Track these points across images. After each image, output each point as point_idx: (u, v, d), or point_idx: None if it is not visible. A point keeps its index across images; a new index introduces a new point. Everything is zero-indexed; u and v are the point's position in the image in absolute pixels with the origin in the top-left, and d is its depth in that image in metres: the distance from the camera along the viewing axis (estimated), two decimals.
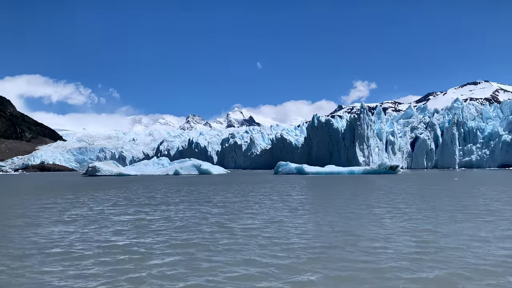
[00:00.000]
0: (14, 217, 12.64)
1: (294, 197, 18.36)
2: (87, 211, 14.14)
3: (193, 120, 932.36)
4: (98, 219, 12.11)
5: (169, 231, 9.72)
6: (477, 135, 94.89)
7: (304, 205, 14.83)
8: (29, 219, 12.26)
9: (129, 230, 10.02)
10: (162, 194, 20.88)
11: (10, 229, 10.52)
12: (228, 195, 19.56)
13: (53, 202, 17.35)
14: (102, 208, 14.81)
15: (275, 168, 56.96)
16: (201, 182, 31.08)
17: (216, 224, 10.69)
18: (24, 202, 17.68)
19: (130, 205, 15.91)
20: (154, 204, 15.96)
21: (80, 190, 25.52)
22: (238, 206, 14.76)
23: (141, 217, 12.24)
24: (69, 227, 10.55)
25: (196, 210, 13.73)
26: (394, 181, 31.91)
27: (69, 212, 13.89)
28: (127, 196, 20.32)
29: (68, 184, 34.11)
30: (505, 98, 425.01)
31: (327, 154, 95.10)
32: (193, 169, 59.07)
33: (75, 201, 17.91)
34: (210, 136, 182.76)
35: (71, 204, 16.49)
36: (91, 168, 57.27)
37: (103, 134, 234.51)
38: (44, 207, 15.35)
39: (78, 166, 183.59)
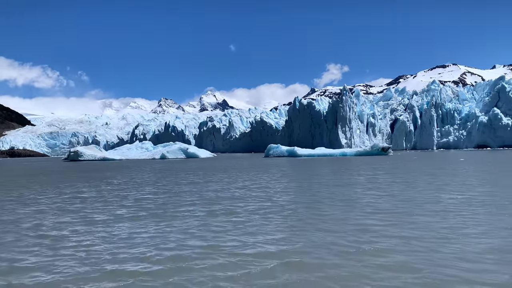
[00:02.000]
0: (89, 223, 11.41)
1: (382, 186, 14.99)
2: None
3: (165, 104, 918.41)
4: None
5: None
6: (454, 117, 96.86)
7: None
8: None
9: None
10: (196, 178, 19.85)
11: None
12: (287, 182, 18.65)
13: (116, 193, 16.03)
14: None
15: (266, 151, 56.30)
16: (203, 167, 29.93)
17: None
18: (62, 193, 16.37)
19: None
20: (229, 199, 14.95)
21: (94, 177, 24.08)
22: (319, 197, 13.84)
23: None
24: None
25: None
26: (408, 163, 31.79)
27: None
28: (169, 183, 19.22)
29: (59, 169, 32.40)
30: (472, 81, 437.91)
31: (309, 137, 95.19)
32: (180, 153, 57.74)
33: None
34: (187, 120, 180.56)
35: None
36: (73, 152, 55.04)
37: (74, 118, 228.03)
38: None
39: (49, 151, 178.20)
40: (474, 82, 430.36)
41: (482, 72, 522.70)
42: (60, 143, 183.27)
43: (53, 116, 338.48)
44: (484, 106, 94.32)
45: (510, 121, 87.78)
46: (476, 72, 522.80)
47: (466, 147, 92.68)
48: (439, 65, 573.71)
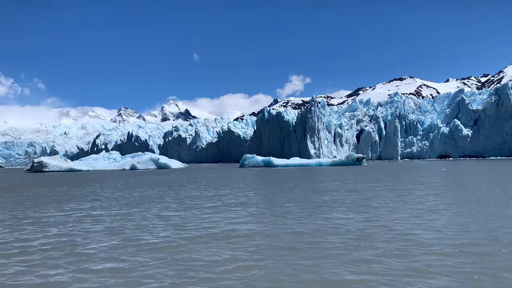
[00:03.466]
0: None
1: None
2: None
3: (125, 113, 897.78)
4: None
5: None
6: (417, 128, 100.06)
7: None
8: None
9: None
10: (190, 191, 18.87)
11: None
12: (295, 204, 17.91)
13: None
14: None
15: (241, 161, 55.55)
16: (191, 180, 28.80)
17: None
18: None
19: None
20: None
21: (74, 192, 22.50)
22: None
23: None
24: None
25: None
26: (390, 173, 32.06)
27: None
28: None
29: (29, 183, 30.36)
30: (428, 93, 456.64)
31: (278, 147, 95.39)
32: (150, 164, 55.95)
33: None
34: (151, 129, 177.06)
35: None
36: (37, 163, 52.04)
37: (30, 127, 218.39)
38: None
39: (3, 161, 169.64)
40: (430, 94, 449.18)
41: (437, 85, 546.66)
42: (16, 153, 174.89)
43: (7, 125, 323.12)
44: (445, 117, 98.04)
45: (470, 132, 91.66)
46: (431, 85, 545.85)
47: (429, 157, 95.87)
48: (396, 78, 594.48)
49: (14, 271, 6.13)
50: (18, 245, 7.80)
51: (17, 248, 7.58)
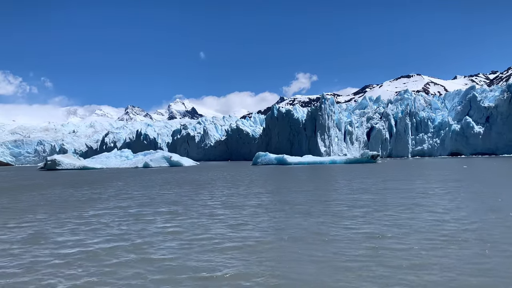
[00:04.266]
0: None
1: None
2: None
3: (132, 112, 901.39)
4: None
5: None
6: (428, 125, 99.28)
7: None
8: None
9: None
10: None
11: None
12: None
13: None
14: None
15: (254, 159, 55.35)
16: (208, 179, 28.64)
17: None
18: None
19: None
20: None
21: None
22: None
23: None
24: None
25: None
26: (414, 170, 31.72)
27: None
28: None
29: (49, 182, 30.38)
30: (435, 91, 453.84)
31: (287, 145, 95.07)
32: (163, 161, 55.96)
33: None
34: (159, 128, 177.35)
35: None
36: (51, 161, 52.23)
37: (39, 126, 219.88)
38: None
39: (13, 160, 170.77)
40: (437, 91, 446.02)
41: (445, 82, 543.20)
42: (25, 151, 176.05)
43: (15, 123, 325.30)
44: (456, 114, 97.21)
45: (482, 129, 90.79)
46: (439, 82, 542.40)
47: (440, 155, 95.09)
48: (404, 75, 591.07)
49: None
50: (104, 253, 7.63)
51: (105, 257, 7.45)
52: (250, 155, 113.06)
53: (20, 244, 7.82)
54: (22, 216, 11.32)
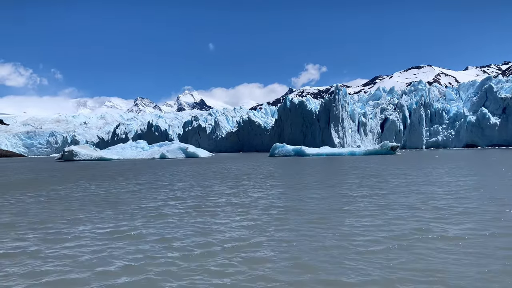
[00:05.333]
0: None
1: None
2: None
3: (141, 103, 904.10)
4: None
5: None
6: (442, 116, 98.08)
7: None
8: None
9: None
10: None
11: None
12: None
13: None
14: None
15: (271, 150, 54.99)
16: (234, 171, 28.06)
17: None
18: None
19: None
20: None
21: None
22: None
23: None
24: None
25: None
26: (441, 161, 31.19)
27: None
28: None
29: (75, 173, 30.29)
30: (446, 82, 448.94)
31: (300, 136, 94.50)
32: (179, 152, 55.86)
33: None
34: (170, 119, 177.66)
35: None
36: (68, 152, 52.34)
37: (50, 117, 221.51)
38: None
39: (26, 151, 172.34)
40: (448, 82, 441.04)
41: (456, 73, 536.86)
42: (38, 143, 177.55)
43: (27, 115, 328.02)
44: (472, 106, 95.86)
45: (498, 121, 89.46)
46: (449, 73, 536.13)
47: (454, 146, 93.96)
48: (414, 66, 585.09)
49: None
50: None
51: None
52: (262, 147, 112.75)
53: (151, 243, 7.40)
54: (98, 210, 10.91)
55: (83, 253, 6.55)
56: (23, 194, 14.70)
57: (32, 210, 10.69)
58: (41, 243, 7.17)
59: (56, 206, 11.41)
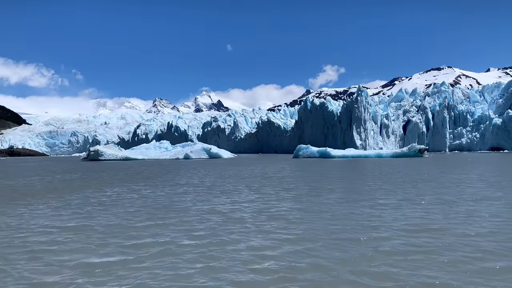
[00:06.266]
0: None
1: None
2: None
3: (160, 104, 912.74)
4: None
5: None
6: (467, 119, 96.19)
7: None
8: None
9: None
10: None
11: None
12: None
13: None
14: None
15: (295, 152, 54.69)
16: (271, 172, 27.76)
17: None
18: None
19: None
20: None
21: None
22: None
23: None
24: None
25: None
26: (479, 165, 30.45)
27: None
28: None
29: (110, 173, 30.46)
30: (467, 84, 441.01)
31: (321, 138, 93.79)
32: (203, 153, 56.01)
33: None
34: (189, 120, 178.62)
35: None
36: (93, 152, 52.98)
37: (72, 117, 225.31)
38: None
39: (48, 150, 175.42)
40: (469, 84, 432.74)
41: (477, 75, 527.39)
42: (60, 142, 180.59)
43: (49, 115, 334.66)
44: (498, 108, 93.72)
45: None
46: (470, 75, 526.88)
47: (479, 149, 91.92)
48: (434, 68, 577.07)
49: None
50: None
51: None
52: (281, 148, 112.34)
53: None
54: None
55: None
56: (86, 197, 14.72)
57: (99, 217, 10.24)
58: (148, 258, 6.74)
59: (118, 209, 11.15)
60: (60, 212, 10.78)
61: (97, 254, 6.64)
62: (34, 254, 6.72)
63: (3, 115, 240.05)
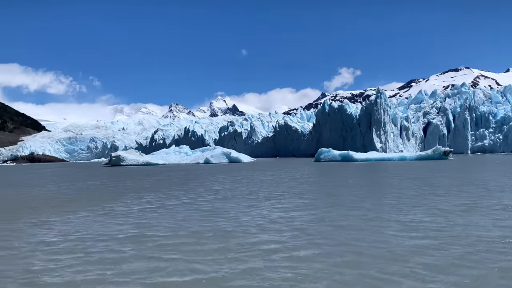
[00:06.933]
0: None
1: None
2: None
3: (176, 109, 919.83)
4: None
5: None
6: (489, 120, 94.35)
7: None
8: None
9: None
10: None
11: None
12: None
13: None
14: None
15: (317, 155, 54.17)
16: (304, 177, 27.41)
17: None
18: None
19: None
20: None
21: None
22: None
23: None
24: None
25: None
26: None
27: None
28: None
29: (137, 179, 30.49)
30: (486, 84, 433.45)
31: (340, 141, 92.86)
32: (223, 157, 55.94)
33: None
34: (206, 124, 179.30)
35: None
36: (115, 157, 53.40)
37: (90, 123, 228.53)
38: None
39: (68, 156, 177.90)
40: (488, 85, 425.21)
41: (496, 75, 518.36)
42: (79, 148, 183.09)
43: (66, 121, 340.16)
44: None
45: None
46: (490, 75, 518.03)
47: (502, 151, 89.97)
48: (451, 69, 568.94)
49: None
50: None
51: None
52: (299, 152, 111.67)
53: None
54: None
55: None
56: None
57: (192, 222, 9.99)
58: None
59: (175, 215, 10.89)
60: (127, 218, 10.67)
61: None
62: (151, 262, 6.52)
63: (23, 122, 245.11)
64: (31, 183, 26.04)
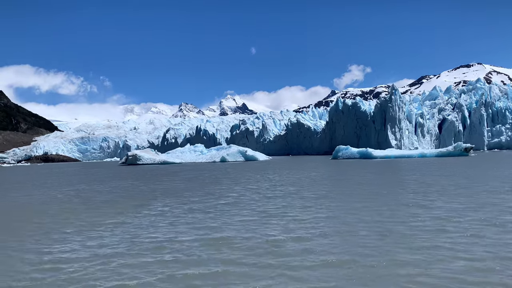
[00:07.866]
0: None
1: None
2: None
3: (186, 108, 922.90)
4: None
5: None
6: (506, 116, 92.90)
7: None
8: None
9: None
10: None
11: None
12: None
13: None
14: None
15: (334, 153, 53.63)
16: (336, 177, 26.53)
17: None
18: None
19: None
20: None
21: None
22: None
23: None
24: None
25: None
26: None
27: None
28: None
29: (161, 179, 30.26)
30: (498, 80, 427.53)
31: (354, 138, 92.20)
32: (239, 156, 55.73)
33: None
34: (217, 123, 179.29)
35: None
36: (132, 156, 53.45)
37: (102, 123, 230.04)
38: None
39: (80, 156, 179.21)
40: (501, 81, 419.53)
41: (509, 71, 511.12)
42: (91, 148, 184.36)
43: (78, 121, 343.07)
44: None
45: None
46: (502, 71, 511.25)
47: None
48: (463, 65, 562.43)
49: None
50: None
51: None
52: (312, 149, 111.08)
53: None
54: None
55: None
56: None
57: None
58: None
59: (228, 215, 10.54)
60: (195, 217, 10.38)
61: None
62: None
63: (36, 123, 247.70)
64: (71, 182, 25.93)
